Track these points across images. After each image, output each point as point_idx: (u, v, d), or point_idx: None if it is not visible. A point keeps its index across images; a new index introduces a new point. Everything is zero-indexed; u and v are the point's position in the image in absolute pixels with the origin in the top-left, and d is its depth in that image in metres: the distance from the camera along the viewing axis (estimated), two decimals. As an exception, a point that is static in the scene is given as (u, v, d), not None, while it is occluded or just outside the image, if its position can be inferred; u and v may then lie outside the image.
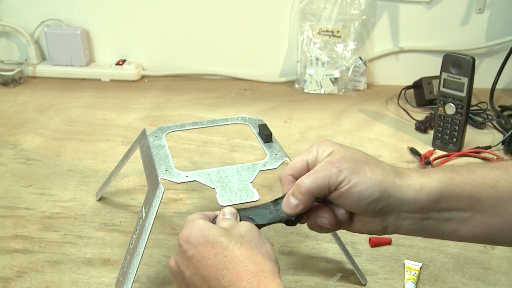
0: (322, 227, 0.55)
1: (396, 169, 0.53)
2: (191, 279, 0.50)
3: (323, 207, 0.55)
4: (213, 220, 0.55)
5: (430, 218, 0.52)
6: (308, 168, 0.55)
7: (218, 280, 0.47)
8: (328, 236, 0.79)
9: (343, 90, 1.34)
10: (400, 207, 0.52)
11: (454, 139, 1.05)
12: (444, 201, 0.51)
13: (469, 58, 0.99)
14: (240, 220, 0.55)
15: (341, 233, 0.81)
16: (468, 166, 0.53)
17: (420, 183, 0.51)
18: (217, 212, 0.56)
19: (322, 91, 1.34)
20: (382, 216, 0.53)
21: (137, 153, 0.78)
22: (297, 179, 0.54)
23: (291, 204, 0.53)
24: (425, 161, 1.01)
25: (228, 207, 0.56)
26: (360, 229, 0.55)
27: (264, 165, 0.69)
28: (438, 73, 1.03)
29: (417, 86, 1.28)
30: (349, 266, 0.74)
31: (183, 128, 0.79)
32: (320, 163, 0.53)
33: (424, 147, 1.08)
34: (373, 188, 0.50)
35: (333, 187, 0.51)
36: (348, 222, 0.55)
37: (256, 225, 0.54)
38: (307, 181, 0.52)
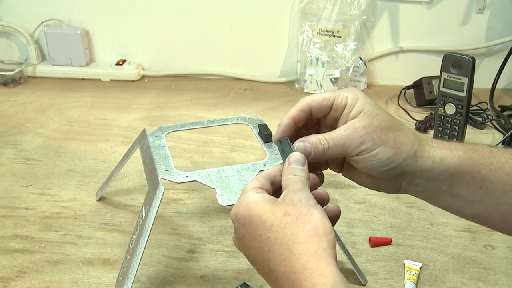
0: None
1: (420, 137, 0.53)
2: (249, 257, 0.49)
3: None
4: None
5: (441, 190, 0.53)
6: (331, 108, 0.54)
7: (266, 263, 0.46)
8: (328, 236, 0.79)
9: (343, 90, 1.34)
10: (415, 174, 0.52)
11: (454, 139, 1.05)
12: (458, 178, 0.51)
13: (469, 58, 0.98)
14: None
15: (341, 233, 0.81)
16: (490, 148, 0.53)
17: (440, 156, 0.52)
18: (278, 169, 0.52)
19: (322, 91, 1.34)
20: (395, 178, 0.53)
21: (137, 153, 0.78)
22: (312, 110, 0.54)
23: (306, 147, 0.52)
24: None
25: (297, 153, 0.51)
26: (370, 186, 0.56)
27: (264, 165, 0.69)
28: (438, 73, 1.03)
29: (417, 86, 1.28)
30: (349, 266, 0.74)
31: (183, 128, 0.79)
32: (345, 125, 0.52)
33: (424, 147, 1.08)
34: (393, 158, 0.51)
35: (352, 154, 0.52)
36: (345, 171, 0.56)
37: None
38: (329, 142, 0.52)
